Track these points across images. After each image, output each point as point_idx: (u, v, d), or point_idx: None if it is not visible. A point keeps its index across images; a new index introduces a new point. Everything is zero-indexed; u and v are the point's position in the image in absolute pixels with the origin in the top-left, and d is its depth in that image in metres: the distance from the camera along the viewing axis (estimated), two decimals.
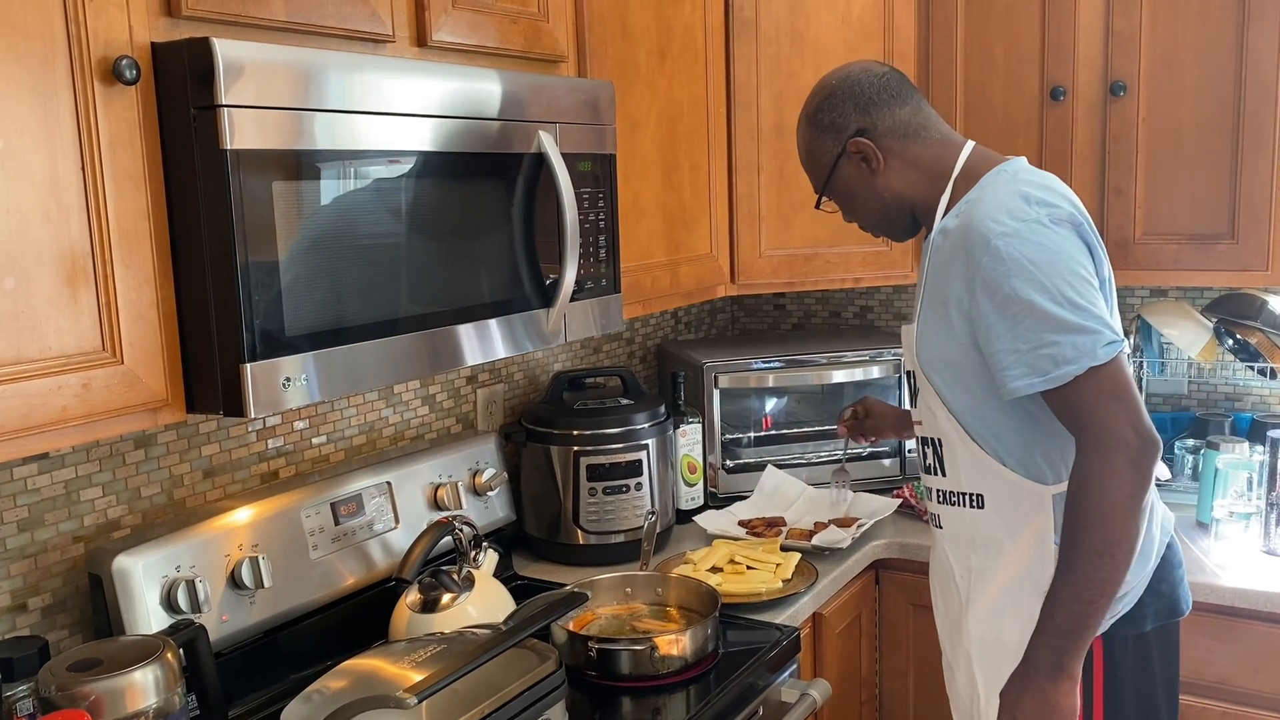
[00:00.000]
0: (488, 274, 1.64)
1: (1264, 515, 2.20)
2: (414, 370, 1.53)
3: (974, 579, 1.63)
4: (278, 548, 1.69)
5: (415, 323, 1.51)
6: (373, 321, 1.45)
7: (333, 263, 1.40)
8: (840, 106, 1.65)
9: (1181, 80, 2.29)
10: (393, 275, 1.48)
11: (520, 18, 1.78)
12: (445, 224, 1.56)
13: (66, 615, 1.58)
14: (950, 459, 1.62)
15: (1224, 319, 2.45)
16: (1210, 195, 2.29)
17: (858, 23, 2.48)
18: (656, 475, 2.24)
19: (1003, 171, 1.58)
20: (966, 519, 1.62)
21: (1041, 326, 1.43)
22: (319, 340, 1.38)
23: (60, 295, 1.19)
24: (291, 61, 1.33)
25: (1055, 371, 1.43)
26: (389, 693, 1.31)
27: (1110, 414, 1.42)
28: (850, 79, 1.66)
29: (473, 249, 1.61)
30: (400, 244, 1.49)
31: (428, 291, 1.54)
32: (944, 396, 1.59)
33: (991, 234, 1.47)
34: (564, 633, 1.74)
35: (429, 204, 1.53)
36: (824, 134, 1.66)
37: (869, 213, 1.71)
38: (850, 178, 1.67)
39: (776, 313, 3.21)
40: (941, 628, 1.76)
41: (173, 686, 1.34)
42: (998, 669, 1.58)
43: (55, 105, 1.17)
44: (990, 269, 1.46)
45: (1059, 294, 1.43)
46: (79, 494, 1.59)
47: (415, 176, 1.50)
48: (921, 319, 1.61)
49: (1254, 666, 2.06)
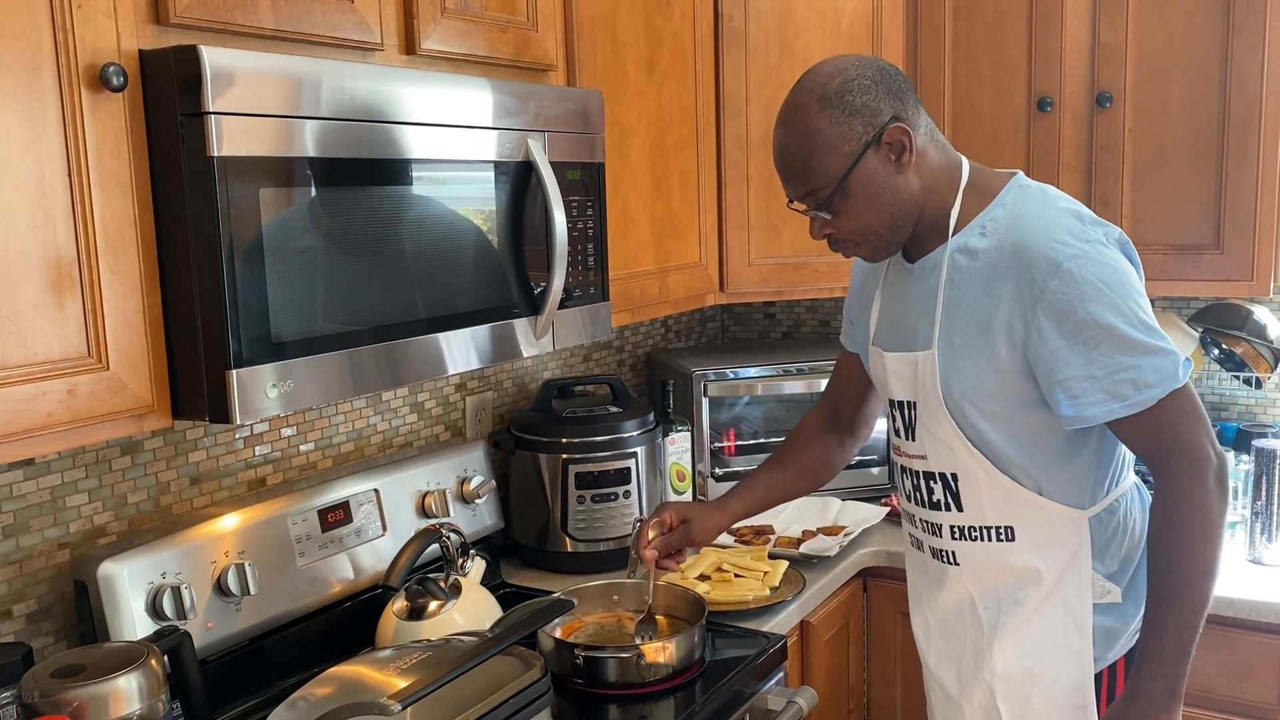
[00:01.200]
0: (476, 281, 1.64)
1: (1249, 524, 2.21)
2: (402, 377, 1.53)
3: (1003, 611, 1.56)
4: (264, 555, 1.69)
5: (403, 330, 1.52)
6: (360, 328, 1.45)
7: (320, 270, 1.40)
8: (870, 89, 1.45)
9: (1167, 92, 2.31)
10: (380, 282, 1.48)
11: (509, 26, 1.79)
12: (433, 231, 1.57)
13: (51, 622, 1.58)
14: (970, 493, 1.54)
15: (1210, 329, 2.47)
16: (1196, 206, 2.31)
17: (846, 34, 2.49)
18: (645, 483, 2.25)
19: (1025, 188, 1.51)
20: (994, 553, 1.55)
21: (1118, 350, 1.38)
22: (306, 347, 1.38)
23: (46, 301, 1.19)
24: (280, 69, 1.33)
25: (1137, 396, 1.38)
26: (374, 700, 1.31)
27: (1194, 434, 1.40)
28: (875, 63, 1.48)
29: (461, 256, 1.62)
30: (388, 251, 1.49)
31: (416, 298, 1.54)
32: (974, 428, 1.50)
33: (1061, 256, 1.39)
34: (551, 640, 1.73)
35: (417, 212, 1.54)
36: (851, 117, 1.44)
37: (879, 219, 1.50)
38: (875, 172, 1.46)
39: (766, 321, 3.22)
40: (942, 665, 1.65)
41: (157, 693, 1.34)
42: (1027, 701, 1.54)
43: (42, 112, 1.17)
44: (1060, 292, 1.39)
45: (1134, 316, 1.39)
46: (65, 500, 1.59)
47: (403, 184, 1.51)
48: (947, 347, 1.49)
49: (1240, 675, 2.07)
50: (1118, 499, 1.54)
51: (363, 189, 1.45)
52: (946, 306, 1.50)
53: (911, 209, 1.51)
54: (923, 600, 1.69)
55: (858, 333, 1.76)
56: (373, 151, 1.45)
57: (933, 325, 1.51)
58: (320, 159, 1.38)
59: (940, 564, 1.62)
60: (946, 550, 1.60)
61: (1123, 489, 1.56)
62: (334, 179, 1.41)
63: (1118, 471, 1.55)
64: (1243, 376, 2.49)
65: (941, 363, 1.50)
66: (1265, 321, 2.42)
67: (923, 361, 1.52)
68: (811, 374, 2.61)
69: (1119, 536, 1.54)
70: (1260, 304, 2.45)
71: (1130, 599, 1.54)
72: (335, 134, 1.40)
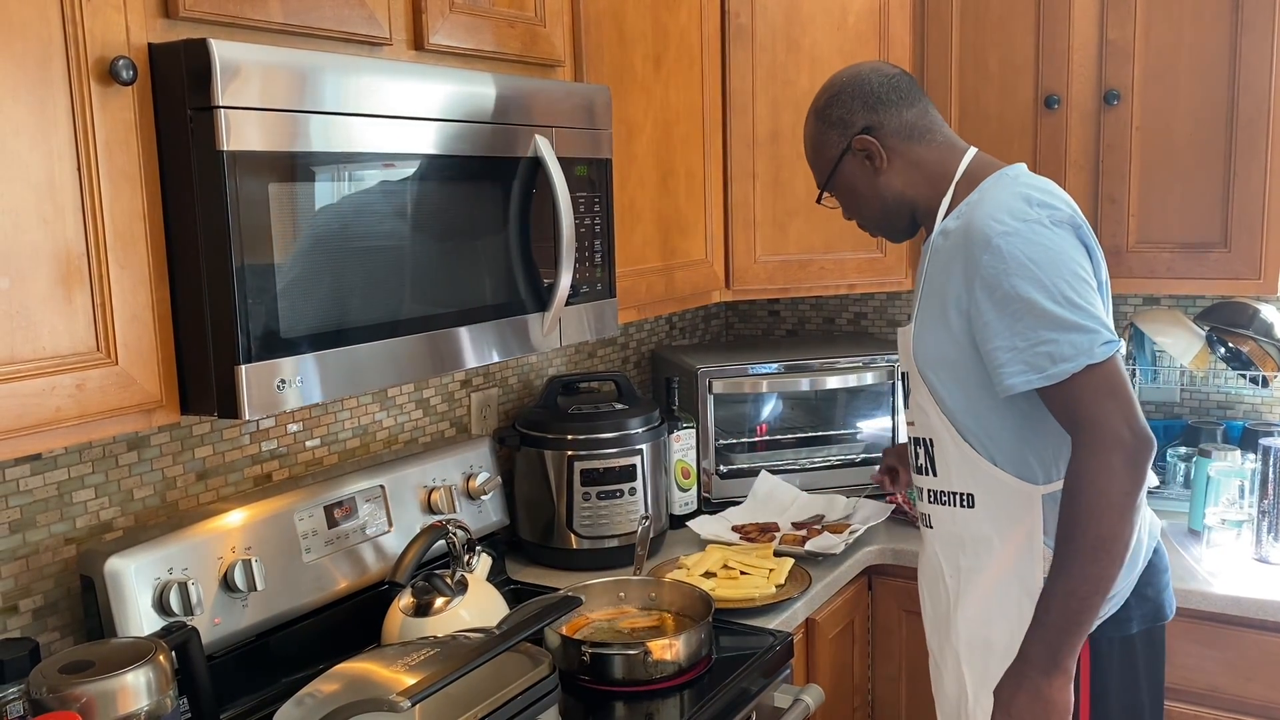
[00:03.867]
0: (483, 278, 1.64)
1: (1256, 523, 2.21)
2: (408, 373, 1.53)
3: (963, 578, 1.65)
4: (271, 550, 1.69)
5: (410, 326, 1.51)
6: (368, 324, 1.45)
7: (328, 265, 1.39)
8: (849, 103, 1.67)
9: (1175, 89, 2.30)
10: (388, 278, 1.48)
11: (517, 22, 1.78)
12: (441, 227, 1.56)
13: (58, 617, 1.57)
14: (941, 458, 1.64)
15: (1216, 327, 2.46)
16: (1203, 204, 2.30)
17: (853, 30, 2.49)
18: (650, 480, 2.24)
19: (1004, 175, 1.61)
20: (957, 518, 1.64)
21: (1040, 324, 1.45)
22: (314, 342, 1.37)
23: (55, 295, 1.19)
24: (289, 63, 1.33)
25: (1052, 369, 1.44)
26: (382, 696, 1.31)
27: (1106, 411, 1.43)
28: (860, 77, 1.69)
29: (468, 252, 1.61)
30: (396, 247, 1.49)
31: (422, 295, 1.54)
32: (938, 395, 1.61)
33: (993, 233, 1.49)
34: (557, 637, 1.73)
35: (425, 207, 1.53)
36: (830, 129, 1.69)
37: (869, 211, 1.73)
38: (853, 174, 1.69)
39: (771, 319, 3.22)
40: (930, 627, 1.77)
41: (165, 689, 1.33)
42: (986, 668, 1.60)
43: (51, 105, 1.17)
44: (990, 267, 1.48)
45: (1058, 293, 1.45)
46: (71, 495, 1.58)
47: (411, 180, 1.50)
48: (919, 319, 1.63)
49: (1245, 674, 2.06)
50: None
51: (371, 184, 1.45)
52: (924, 284, 1.63)
53: (896, 201, 1.68)
54: (920, 565, 1.81)
55: None
56: (381, 146, 1.45)
57: (915, 301, 1.65)
58: (329, 153, 1.37)
59: (925, 529, 1.74)
60: (926, 514, 1.73)
61: None
62: (343, 174, 1.40)
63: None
64: (1249, 375, 2.48)
65: (915, 334, 1.64)
66: (1272, 320, 2.41)
67: (907, 334, 1.67)
68: (816, 371, 2.60)
69: None
70: (1267, 302, 2.44)
71: None
72: (344, 129, 1.39)
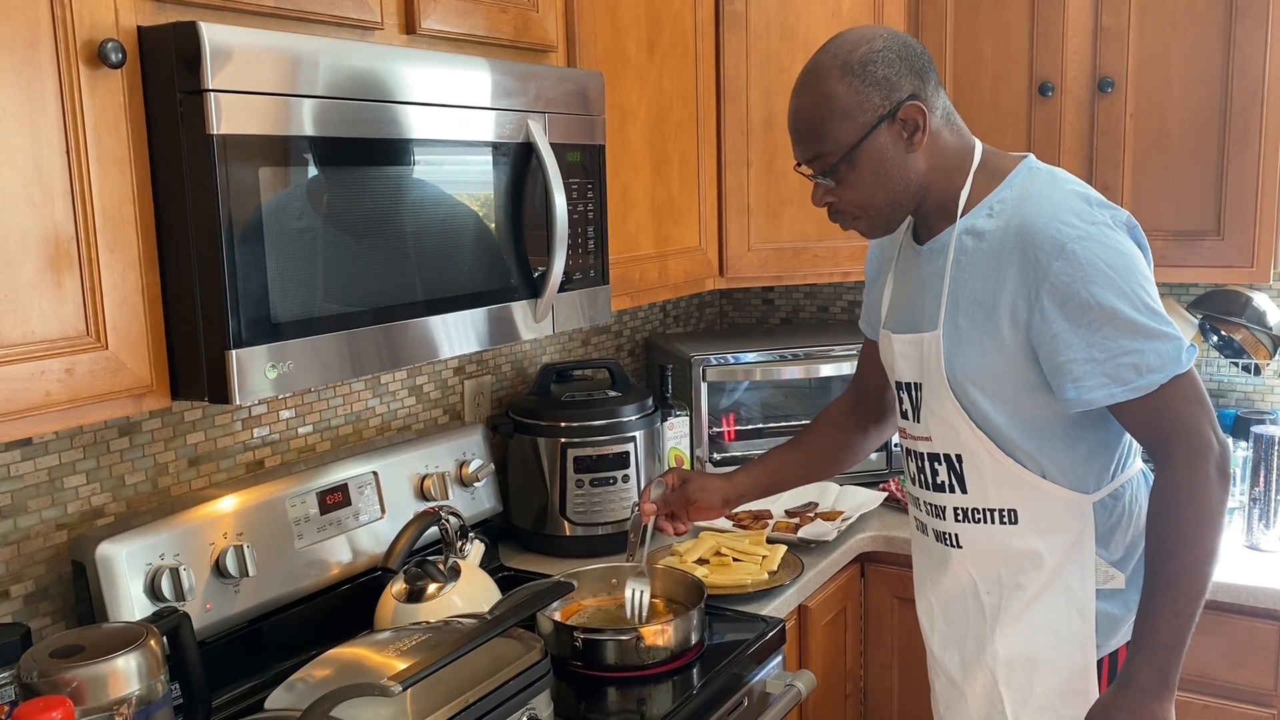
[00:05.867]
0: (476, 264, 1.64)
1: (1247, 510, 2.22)
2: (401, 359, 1.52)
3: (1005, 595, 1.55)
4: (263, 537, 1.69)
5: (403, 311, 1.51)
6: (360, 309, 1.45)
7: (320, 250, 1.39)
8: (895, 63, 1.44)
9: (1169, 77, 2.30)
10: (380, 263, 1.47)
11: (510, 6, 1.78)
12: (433, 213, 1.56)
13: (49, 603, 1.57)
14: (974, 474, 1.53)
15: (1209, 315, 2.47)
16: (1196, 192, 2.30)
17: (848, 17, 2.48)
18: (644, 468, 2.24)
19: (1035, 170, 1.50)
20: (996, 535, 1.54)
21: (1121, 334, 1.37)
22: (305, 328, 1.37)
23: (44, 279, 1.18)
24: (279, 47, 1.32)
25: (1138, 380, 1.38)
26: (374, 681, 1.31)
27: (1196, 420, 1.39)
28: (900, 38, 1.47)
29: (461, 238, 1.61)
30: (388, 232, 1.49)
31: (415, 280, 1.53)
32: (976, 409, 1.49)
33: (1065, 238, 1.38)
34: (550, 622, 1.73)
35: (417, 193, 1.53)
36: (871, 89, 1.43)
37: (880, 195, 1.50)
38: (885, 147, 1.46)
39: (764, 306, 3.22)
40: (945, 648, 1.65)
41: (155, 674, 1.33)
42: (1029, 687, 1.54)
43: (40, 88, 1.16)
44: (1064, 274, 1.38)
45: (1138, 300, 1.38)
46: (63, 481, 1.58)
47: (403, 165, 1.50)
48: (951, 328, 1.49)
49: (1237, 660, 2.07)
50: (1123, 485, 1.54)
51: (363, 169, 1.44)
52: (952, 288, 1.49)
53: (915, 189, 1.50)
54: (926, 584, 1.68)
55: (872, 316, 1.76)
56: (373, 131, 1.44)
57: (939, 307, 1.51)
58: (320, 138, 1.37)
59: (944, 547, 1.61)
60: (950, 533, 1.59)
61: (1129, 475, 1.55)
62: (334, 159, 1.40)
63: (1123, 457, 1.54)
64: (1241, 363, 2.49)
65: (946, 344, 1.50)
66: (1264, 308, 2.42)
67: (928, 343, 1.52)
68: (809, 359, 2.60)
69: (1124, 522, 1.53)
70: (1260, 290, 2.45)
71: (1134, 586, 1.52)
72: (335, 113, 1.38)
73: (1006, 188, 1.49)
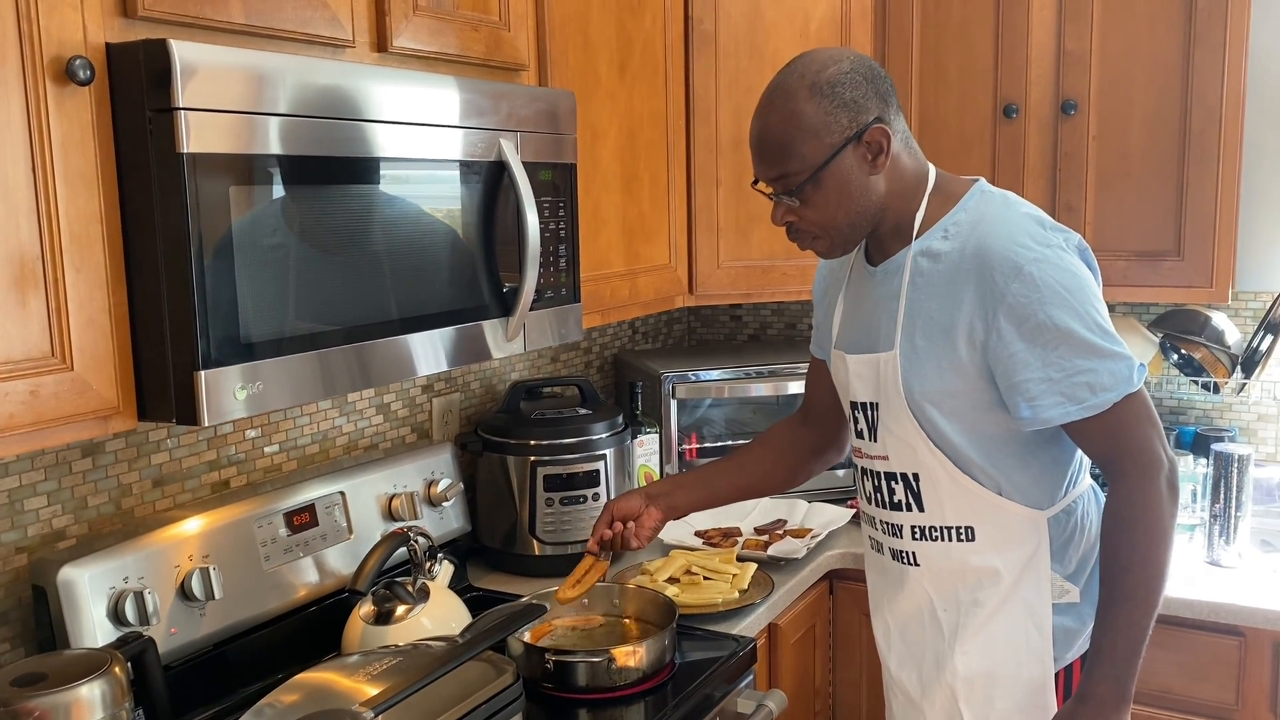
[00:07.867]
0: (447, 282, 1.63)
1: (1208, 527, 2.25)
2: (372, 379, 1.51)
3: (963, 612, 1.56)
4: (229, 558, 1.66)
5: (373, 330, 1.50)
6: (330, 329, 1.43)
7: (291, 269, 1.38)
8: (861, 85, 1.46)
9: (1130, 100, 2.34)
10: (351, 282, 1.46)
11: (481, 25, 1.77)
12: (405, 231, 1.55)
13: (8, 628, 1.54)
14: (930, 493, 1.54)
15: (1169, 334, 2.51)
16: (1158, 213, 2.34)
17: (815, 38, 2.50)
18: (614, 485, 2.24)
19: (987, 194, 1.53)
20: (953, 553, 1.55)
21: (1076, 354, 1.40)
22: (275, 348, 1.35)
23: (8, 299, 1.16)
24: (250, 65, 1.31)
25: (1092, 399, 1.41)
26: (344, 706, 1.29)
27: (1147, 438, 1.42)
28: (865, 61, 1.49)
29: (432, 257, 1.60)
30: (359, 251, 1.47)
31: (386, 299, 1.52)
32: (934, 428, 1.51)
33: (1022, 260, 1.41)
34: (520, 644, 1.72)
35: (388, 211, 1.52)
36: (839, 110, 1.45)
37: (841, 216, 1.50)
38: (850, 168, 1.47)
39: (733, 324, 3.23)
40: (901, 667, 1.66)
41: (120, 701, 1.31)
42: (989, 703, 1.55)
43: (5, 105, 1.14)
44: (1021, 295, 1.40)
45: (1092, 321, 1.41)
46: (23, 503, 1.55)
47: (375, 183, 1.49)
48: (908, 349, 1.50)
49: (1198, 676, 2.10)
50: (1075, 500, 1.57)
51: (334, 187, 1.43)
52: (908, 308, 1.51)
53: (874, 210, 1.52)
54: (883, 604, 1.69)
55: (822, 338, 1.77)
56: (344, 150, 1.43)
57: (895, 327, 1.52)
58: (291, 156, 1.36)
59: (900, 565, 1.62)
60: (907, 551, 1.60)
61: (1080, 490, 1.58)
62: (305, 177, 1.39)
63: (1075, 473, 1.57)
64: (1201, 381, 2.53)
65: (903, 364, 1.51)
66: (1223, 327, 2.46)
67: (885, 363, 1.53)
68: (777, 377, 2.61)
69: (1076, 537, 1.56)
70: (1219, 310, 2.49)
71: (1088, 599, 1.55)
72: (306, 131, 1.37)
73: (961, 210, 1.51)
